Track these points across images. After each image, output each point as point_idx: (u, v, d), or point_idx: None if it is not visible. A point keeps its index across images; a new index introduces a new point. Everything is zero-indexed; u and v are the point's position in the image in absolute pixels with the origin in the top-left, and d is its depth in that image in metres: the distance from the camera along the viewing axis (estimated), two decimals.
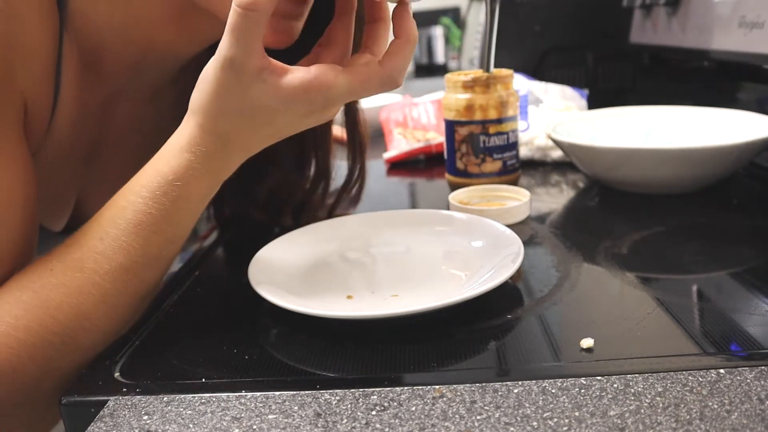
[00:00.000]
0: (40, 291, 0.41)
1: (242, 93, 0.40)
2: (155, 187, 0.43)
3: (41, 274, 0.42)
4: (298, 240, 0.55)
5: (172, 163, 0.43)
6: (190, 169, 0.43)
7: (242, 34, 0.38)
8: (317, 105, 0.41)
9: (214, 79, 0.40)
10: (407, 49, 0.42)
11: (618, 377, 0.34)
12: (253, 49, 0.39)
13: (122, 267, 0.43)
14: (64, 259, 0.43)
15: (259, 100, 0.41)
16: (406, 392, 0.35)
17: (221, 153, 0.43)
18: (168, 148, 0.44)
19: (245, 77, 0.40)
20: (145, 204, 0.43)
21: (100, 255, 0.42)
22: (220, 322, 0.48)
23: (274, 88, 0.40)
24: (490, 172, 0.71)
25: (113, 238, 0.43)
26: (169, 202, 0.43)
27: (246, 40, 0.38)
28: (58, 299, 0.41)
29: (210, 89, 0.41)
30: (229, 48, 0.39)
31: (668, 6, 0.90)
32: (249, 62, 0.39)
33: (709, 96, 0.84)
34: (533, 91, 0.92)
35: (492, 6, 0.68)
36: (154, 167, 0.44)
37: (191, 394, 0.36)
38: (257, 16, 0.38)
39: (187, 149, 0.43)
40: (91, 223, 0.44)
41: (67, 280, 0.42)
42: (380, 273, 0.53)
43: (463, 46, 2.97)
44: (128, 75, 0.53)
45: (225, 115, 0.42)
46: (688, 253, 0.53)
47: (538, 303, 0.46)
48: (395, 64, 0.42)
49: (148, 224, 0.43)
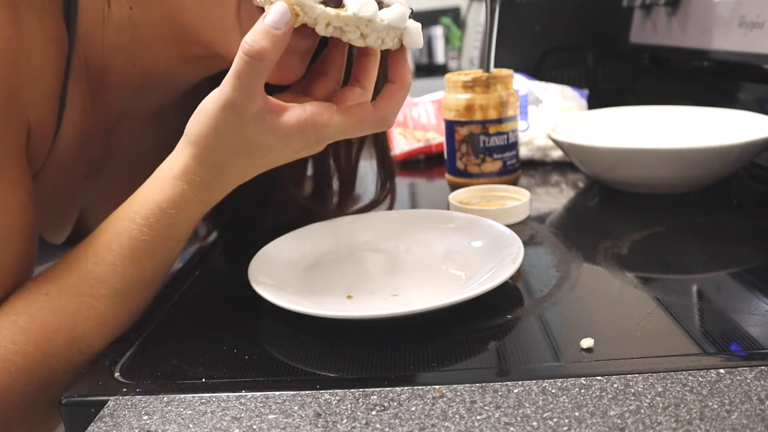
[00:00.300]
0: (37, 315, 0.42)
1: (240, 130, 0.41)
2: (149, 214, 0.44)
3: (36, 298, 0.43)
4: (299, 240, 0.55)
5: (166, 192, 0.44)
6: (184, 198, 0.44)
7: (246, 80, 0.39)
8: (311, 142, 0.43)
9: (214, 116, 0.41)
10: (401, 95, 0.44)
11: (618, 377, 0.34)
12: (256, 94, 0.40)
13: (118, 291, 0.44)
14: (59, 283, 0.43)
15: (256, 137, 0.42)
16: (406, 392, 0.35)
17: (215, 182, 0.44)
18: (161, 176, 0.44)
19: (245, 117, 0.41)
20: (140, 231, 0.44)
21: (95, 279, 0.43)
22: (220, 322, 0.48)
23: (272, 126, 0.41)
24: (490, 172, 0.71)
25: (108, 264, 0.44)
26: (163, 228, 0.44)
27: (249, 86, 0.40)
28: (55, 324, 0.42)
29: (209, 124, 0.42)
30: (232, 91, 0.40)
31: (668, 6, 0.90)
32: (250, 105, 0.40)
33: (709, 96, 0.84)
34: (533, 91, 0.92)
35: (492, 6, 0.69)
36: (148, 195, 0.44)
37: (191, 394, 0.36)
38: (263, 65, 0.39)
39: (181, 178, 0.44)
40: (85, 248, 0.45)
41: (64, 305, 0.43)
42: (380, 273, 0.53)
43: (463, 46, 2.97)
44: (132, 96, 0.54)
45: (221, 148, 0.42)
46: (688, 253, 0.53)
47: (538, 303, 0.46)
48: (389, 108, 0.44)
49: (143, 250, 0.44)
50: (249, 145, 0.42)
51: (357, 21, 0.41)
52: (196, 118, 0.43)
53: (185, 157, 0.43)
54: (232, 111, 0.40)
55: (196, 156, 0.43)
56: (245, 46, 0.39)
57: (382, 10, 0.41)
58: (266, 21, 0.39)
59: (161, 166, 0.45)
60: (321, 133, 0.42)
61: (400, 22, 0.42)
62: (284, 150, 0.43)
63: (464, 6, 2.96)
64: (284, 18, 0.39)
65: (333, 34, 0.41)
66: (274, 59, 0.39)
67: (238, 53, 0.39)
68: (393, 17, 0.41)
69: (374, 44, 0.42)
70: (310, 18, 0.40)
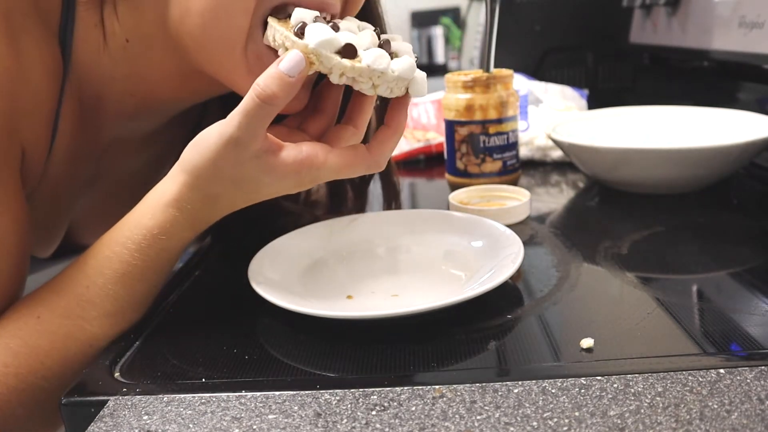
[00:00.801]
0: (29, 339, 0.43)
1: (238, 166, 0.42)
2: (140, 239, 0.44)
3: (28, 321, 0.43)
4: (298, 240, 0.55)
5: (157, 217, 0.44)
6: (176, 225, 0.44)
7: (253, 121, 0.40)
8: (304, 181, 0.44)
9: (215, 149, 0.41)
10: (395, 140, 0.45)
11: (618, 377, 0.34)
12: (259, 134, 0.41)
13: (109, 312, 0.44)
14: (50, 306, 0.44)
15: (252, 173, 0.42)
16: (406, 392, 0.35)
17: (206, 211, 0.45)
18: (152, 202, 0.45)
19: (244, 154, 0.41)
20: (131, 255, 0.44)
21: (87, 302, 0.44)
22: (220, 322, 0.48)
23: (268, 165, 0.42)
24: (490, 172, 0.71)
25: (100, 287, 0.44)
26: (154, 253, 0.45)
27: (255, 127, 0.40)
28: (47, 346, 0.43)
29: (207, 156, 0.42)
30: (238, 129, 0.40)
31: (668, 6, 0.90)
32: (252, 144, 0.41)
33: (709, 96, 0.84)
34: (533, 91, 0.92)
35: (492, 6, 0.69)
36: (139, 220, 0.45)
37: (191, 394, 0.36)
38: (271, 109, 0.40)
39: (173, 205, 0.44)
40: (77, 271, 0.45)
41: (55, 327, 0.43)
42: (380, 273, 0.53)
43: (463, 46, 2.97)
44: (126, 121, 0.54)
45: (216, 180, 0.43)
46: (688, 253, 0.53)
47: (538, 303, 0.46)
48: (382, 152, 0.45)
49: (134, 274, 0.45)
50: (244, 180, 0.43)
51: (371, 72, 0.41)
52: (194, 147, 0.43)
53: (179, 184, 0.44)
54: (234, 148, 0.41)
55: (190, 184, 0.43)
56: (257, 89, 0.39)
57: (393, 61, 0.42)
58: (281, 66, 0.40)
59: (152, 192, 0.45)
60: (315, 174, 0.43)
61: (409, 73, 0.42)
62: (277, 187, 0.44)
63: (464, 6, 2.96)
64: (298, 67, 0.40)
65: (345, 83, 0.42)
66: (282, 104, 0.40)
67: (249, 93, 0.40)
68: (403, 69, 0.42)
69: (383, 93, 0.43)
70: (325, 67, 0.41)
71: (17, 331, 0.43)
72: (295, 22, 0.43)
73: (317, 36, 0.40)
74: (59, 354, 0.43)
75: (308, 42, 0.40)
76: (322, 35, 0.40)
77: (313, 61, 0.41)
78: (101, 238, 0.46)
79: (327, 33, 0.40)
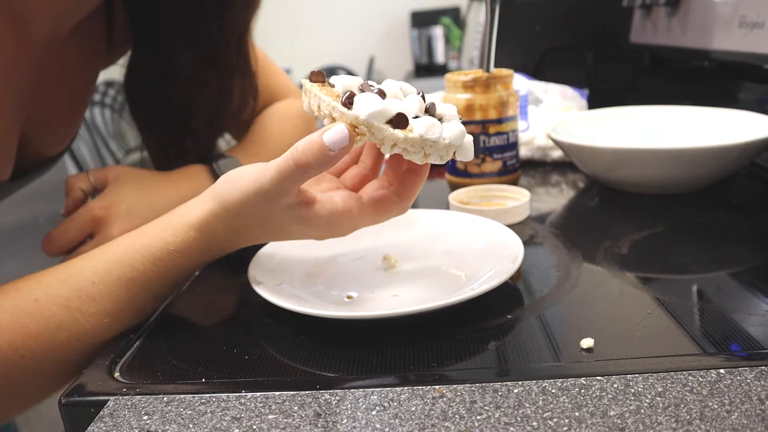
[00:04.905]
0: (20, 318, 0.43)
1: (268, 214, 0.43)
2: (155, 251, 0.45)
3: (24, 301, 0.43)
4: (298, 240, 0.55)
5: (178, 235, 0.45)
6: (194, 247, 0.45)
7: (286, 181, 0.40)
8: (337, 232, 0.44)
9: (246, 193, 0.42)
10: (421, 184, 0.45)
11: (618, 377, 0.34)
12: (291, 192, 0.41)
13: (107, 312, 0.44)
14: (51, 293, 0.44)
15: (282, 221, 0.43)
16: (406, 392, 0.35)
17: (227, 241, 0.46)
18: (178, 218, 0.45)
19: (275, 206, 0.42)
20: (143, 264, 0.45)
21: (88, 297, 0.44)
22: (220, 322, 0.48)
23: (301, 217, 0.43)
24: (490, 172, 0.71)
25: (105, 285, 0.44)
26: (165, 268, 0.45)
27: (287, 186, 0.41)
28: (35, 330, 0.43)
29: (239, 197, 0.42)
30: (270, 184, 0.41)
31: (668, 6, 0.90)
32: (284, 200, 0.42)
33: (709, 96, 0.84)
34: (533, 91, 0.92)
35: (492, 6, 0.69)
36: (160, 232, 0.45)
37: (191, 394, 0.36)
38: (306, 175, 0.40)
39: (196, 228, 0.45)
40: (86, 265, 0.45)
41: (49, 314, 0.43)
42: (380, 273, 0.53)
43: (463, 46, 2.97)
44: (54, 21, 0.53)
45: (244, 218, 0.43)
46: (688, 253, 0.53)
47: (538, 303, 0.46)
48: (411, 198, 0.45)
49: (141, 282, 0.45)
50: (272, 224, 0.44)
51: (423, 143, 0.40)
52: (227, 182, 0.43)
53: (205, 211, 0.44)
54: (264, 198, 0.41)
55: (216, 214, 0.44)
56: (295, 153, 0.39)
57: (443, 128, 0.41)
58: (324, 138, 0.39)
59: (179, 209, 0.46)
60: (349, 225, 0.44)
61: (460, 139, 0.41)
62: (309, 234, 0.45)
63: (464, 6, 2.96)
64: (342, 142, 0.39)
65: (396, 152, 0.41)
66: (317, 173, 0.40)
67: (287, 154, 0.40)
68: (454, 136, 0.41)
69: (434, 161, 0.42)
70: (376, 138, 0.40)
71: (11, 308, 0.43)
72: (342, 90, 0.41)
73: (368, 107, 0.39)
74: (44, 339, 0.43)
75: (358, 113, 0.39)
76: (373, 106, 0.39)
77: (364, 132, 0.39)
78: (119, 239, 0.46)
79: (378, 103, 0.39)
